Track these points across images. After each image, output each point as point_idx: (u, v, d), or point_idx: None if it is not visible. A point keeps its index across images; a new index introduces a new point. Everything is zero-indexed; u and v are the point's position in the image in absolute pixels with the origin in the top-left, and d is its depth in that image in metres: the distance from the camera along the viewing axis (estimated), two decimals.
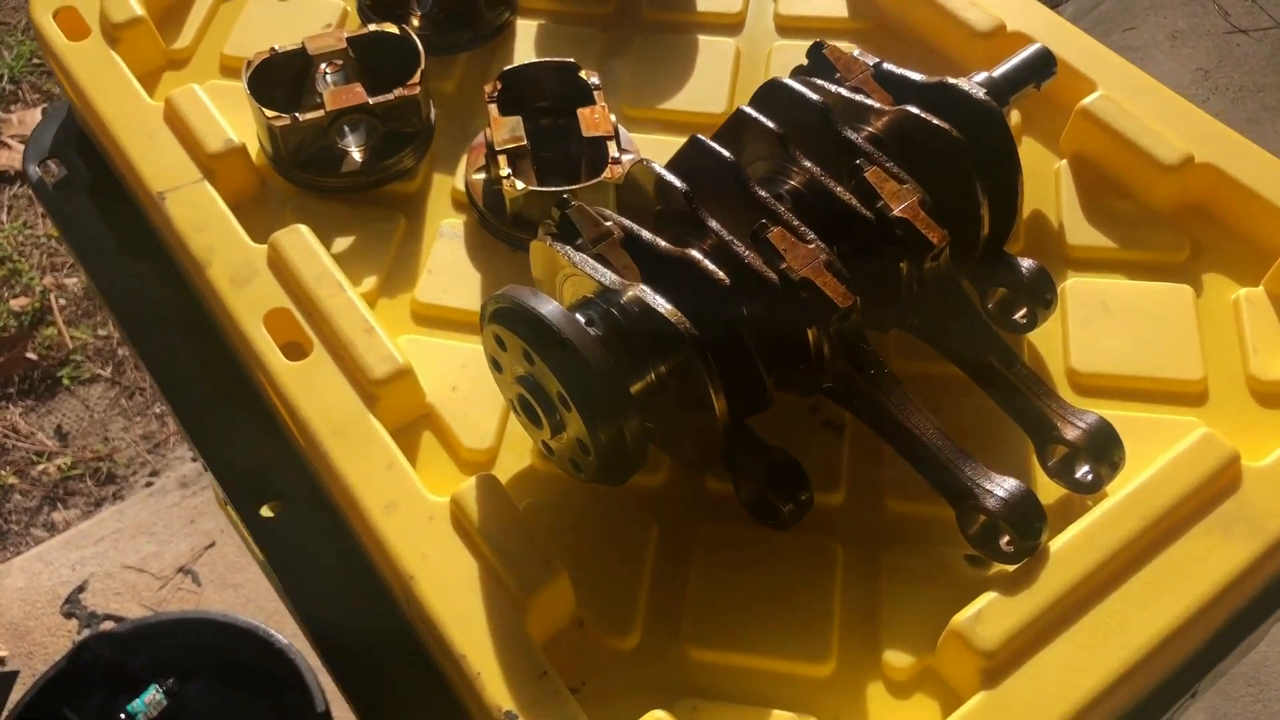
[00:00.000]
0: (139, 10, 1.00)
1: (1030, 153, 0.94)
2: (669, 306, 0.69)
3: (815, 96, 0.80)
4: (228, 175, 0.91)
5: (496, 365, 0.74)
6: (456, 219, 0.93)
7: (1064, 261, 0.89)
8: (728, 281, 0.71)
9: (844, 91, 0.83)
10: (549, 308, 0.68)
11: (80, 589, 1.93)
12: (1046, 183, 0.93)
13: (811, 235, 0.74)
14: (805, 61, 0.86)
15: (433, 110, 0.98)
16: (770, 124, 0.79)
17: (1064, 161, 0.94)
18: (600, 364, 0.67)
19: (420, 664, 0.72)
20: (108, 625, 1.86)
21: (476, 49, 1.04)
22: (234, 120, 0.93)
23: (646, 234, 0.73)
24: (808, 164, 0.78)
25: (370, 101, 0.93)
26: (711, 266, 0.71)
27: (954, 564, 0.73)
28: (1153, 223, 0.89)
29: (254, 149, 0.95)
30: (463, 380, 0.82)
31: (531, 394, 0.71)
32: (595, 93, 0.92)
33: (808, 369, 0.72)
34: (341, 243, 0.91)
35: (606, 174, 0.87)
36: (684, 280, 0.72)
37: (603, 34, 1.05)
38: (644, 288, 0.70)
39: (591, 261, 0.72)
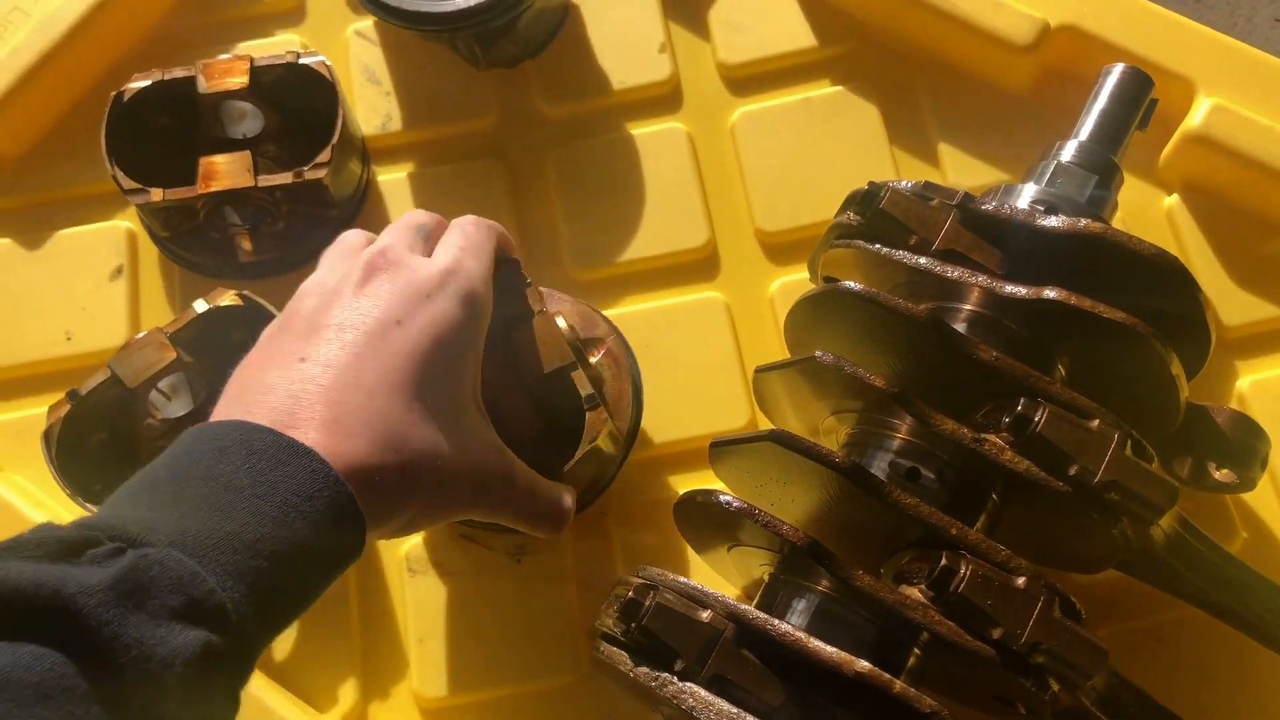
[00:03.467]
0: None
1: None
2: None
3: (918, 309, 0.54)
4: None
5: None
6: None
7: (1224, 349, 0.66)
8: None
9: (935, 266, 0.57)
10: None
11: None
12: (1156, 231, 0.70)
13: (1004, 552, 0.51)
14: (849, 216, 0.60)
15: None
16: (877, 381, 0.53)
17: (1174, 198, 0.70)
18: None
19: None
20: None
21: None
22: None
23: (791, 634, 0.49)
24: (949, 427, 0.53)
25: (258, 184, 0.68)
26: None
27: None
28: None
29: None
30: None
31: None
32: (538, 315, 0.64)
33: None
34: None
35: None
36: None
37: (501, 165, 0.75)
38: None
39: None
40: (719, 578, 0.63)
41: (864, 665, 0.48)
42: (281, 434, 0.44)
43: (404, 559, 0.66)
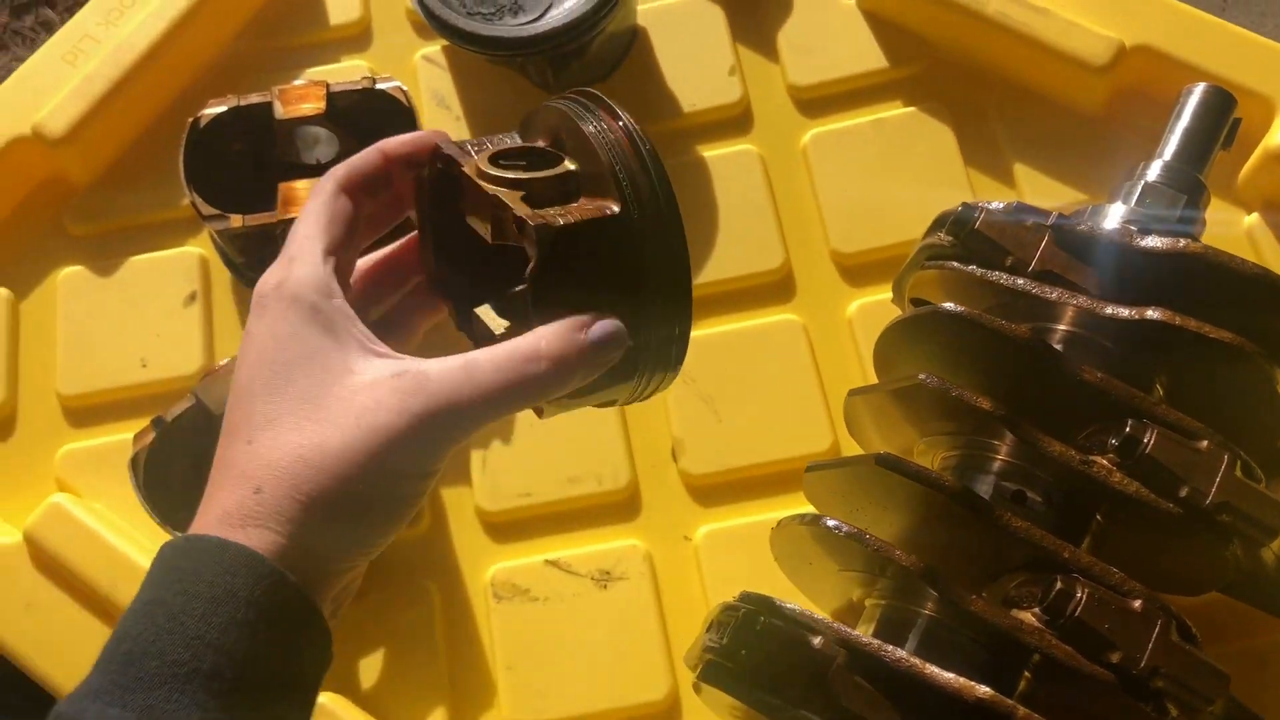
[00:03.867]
0: None
1: None
2: None
3: (1021, 330, 0.54)
4: None
5: None
6: None
7: None
8: None
9: (1033, 287, 0.57)
10: None
11: None
12: (1236, 250, 0.69)
13: (1117, 574, 0.50)
14: (942, 236, 0.60)
15: None
16: (984, 404, 0.53)
17: (1254, 216, 0.70)
18: None
19: None
20: None
21: None
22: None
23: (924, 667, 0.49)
24: (1057, 449, 0.53)
25: None
26: None
27: None
28: None
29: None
30: None
31: None
32: None
33: None
34: None
35: None
36: None
37: None
38: None
39: None
40: (806, 600, 0.63)
41: (984, 691, 0.48)
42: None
43: (489, 586, 0.66)
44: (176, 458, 0.64)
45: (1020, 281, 0.57)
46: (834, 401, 0.68)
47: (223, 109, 0.71)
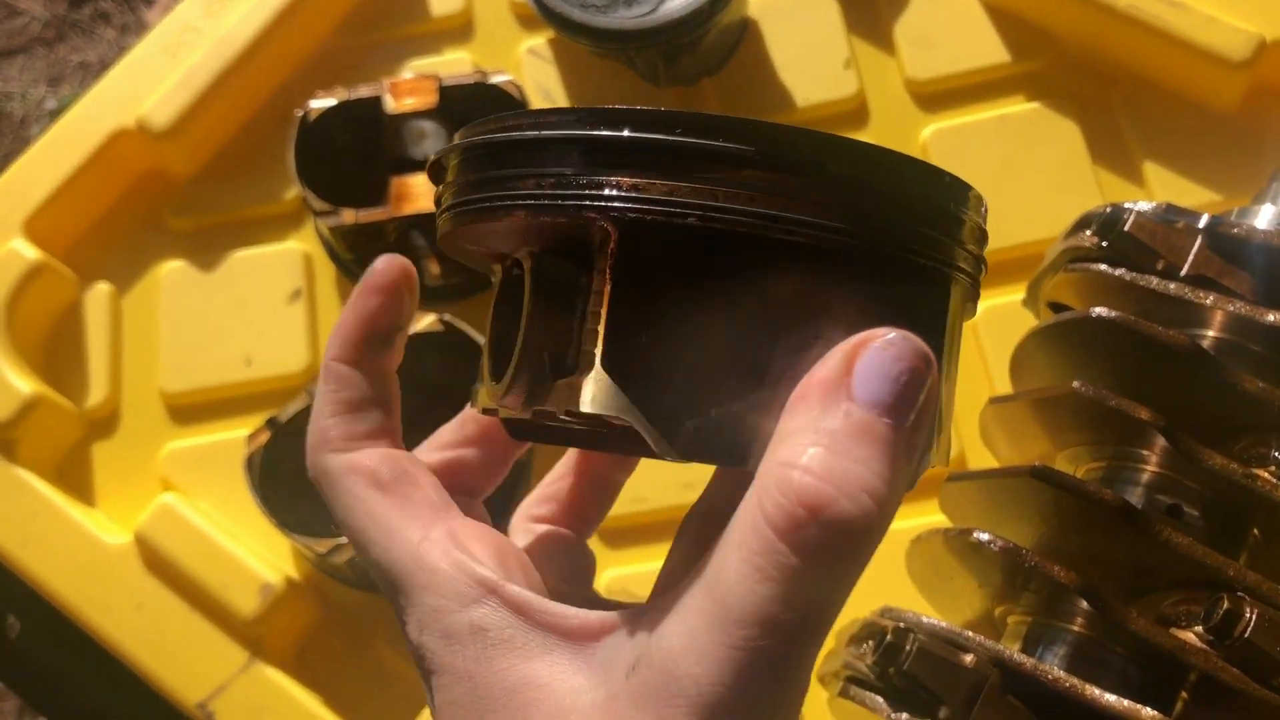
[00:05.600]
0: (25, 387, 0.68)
1: None
2: None
3: (1179, 338, 0.52)
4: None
5: None
6: None
7: None
8: None
9: (1188, 293, 0.54)
10: None
11: None
12: None
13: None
14: (1087, 237, 0.57)
15: None
16: (1143, 414, 0.51)
17: None
18: None
19: None
20: None
21: None
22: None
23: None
24: (1218, 462, 0.50)
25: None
26: None
27: None
28: None
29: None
30: None
31: None
32: None
33: None
34: None
35: None
36: None
37: None
38: None
39: None
40: (933, 612, 0.61)
41: (1150, 714, 0.45)
42: None
43: (604, 592, 0.64)
44: (289, 457, 0.63)
45: (1174, 286, 0.55)
46: (961, 409, 0.65)
47: (331, 102, 0.70)
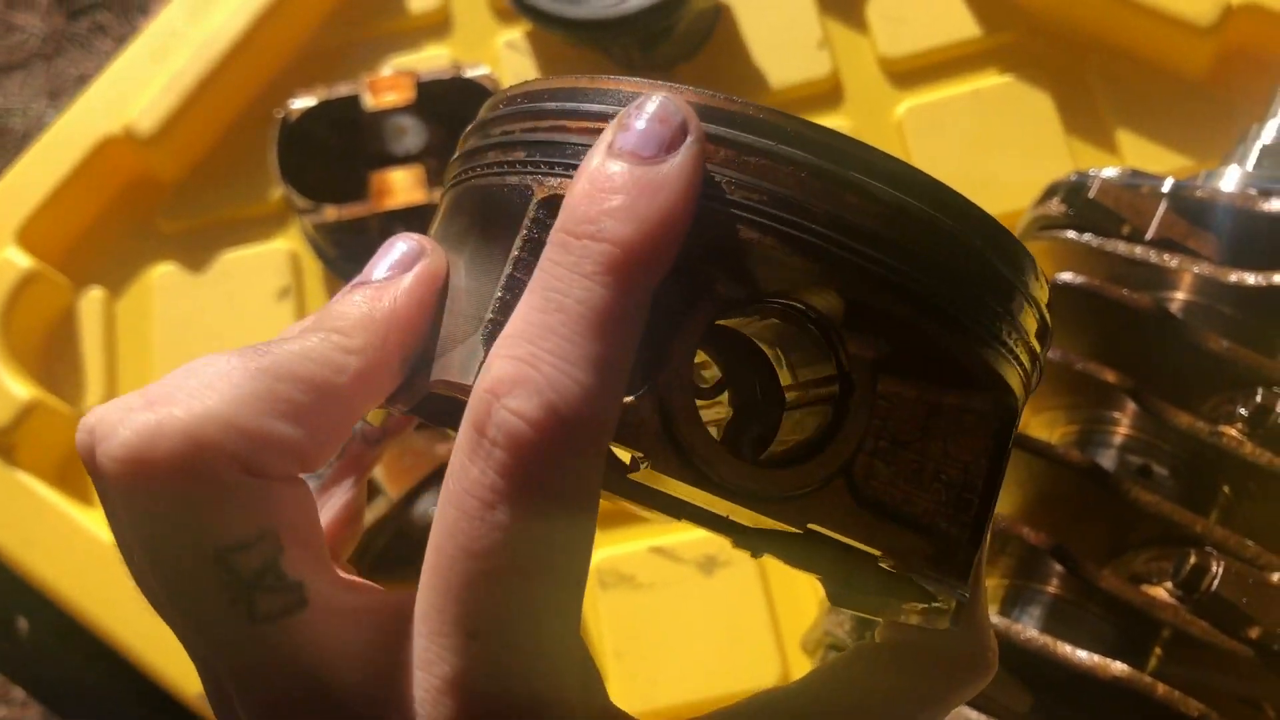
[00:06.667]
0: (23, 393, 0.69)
1: None
2: None
3: (1143, 300, 0.52)
4: None
5: None
6: None
7: None
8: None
9: (1154, 256, 0.55)
10: None
11: None
12: None
13: (1252, 547, 0.49)
14: (1054, 205, 0.58)
15: None
16: (1110, 376, 0.52)
17: None
18: None
19: None
20: None
21: None
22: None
23: None
24: (1185, 421, 0.51)
25: (432, 199, 0.69)
26: None
27: None
28: None
29: None
30: None
31: None
32: None
33: None
34: None
35: None
36: None
37: None
38: None
39: None
40: None
41: (1121, 668, 0.46)
42: None
43: (595, 573, 0.65)
44: None
45: (1139, 249, 0.55)
46: None
47: (311, 102, 0.71)
